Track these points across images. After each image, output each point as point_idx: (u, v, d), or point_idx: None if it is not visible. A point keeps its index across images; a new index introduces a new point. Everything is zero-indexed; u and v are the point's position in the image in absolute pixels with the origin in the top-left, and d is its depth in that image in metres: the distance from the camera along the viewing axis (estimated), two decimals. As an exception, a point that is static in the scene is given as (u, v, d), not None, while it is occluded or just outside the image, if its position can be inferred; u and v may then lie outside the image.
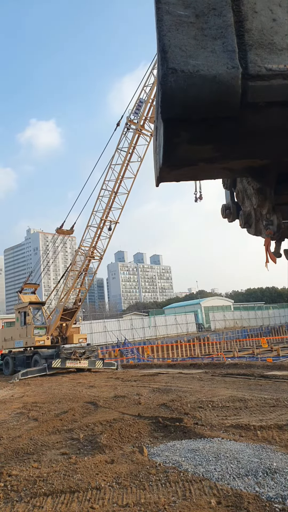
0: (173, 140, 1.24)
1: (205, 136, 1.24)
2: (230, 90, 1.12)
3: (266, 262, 1.93)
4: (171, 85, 1.11)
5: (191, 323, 56.93)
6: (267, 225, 1.86)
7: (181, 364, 20.34)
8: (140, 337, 48.54)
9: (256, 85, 1.13)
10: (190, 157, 1.35)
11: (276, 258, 1.98)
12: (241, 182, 2.08)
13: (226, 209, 2.30)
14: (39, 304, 23.07)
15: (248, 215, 2.07)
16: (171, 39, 1.15)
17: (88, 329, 40.80)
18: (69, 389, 13.84)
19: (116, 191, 20.78)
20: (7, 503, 4.36)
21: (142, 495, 4.30)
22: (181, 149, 1.28)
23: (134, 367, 21.98)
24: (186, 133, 1.22)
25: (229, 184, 2.25)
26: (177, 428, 6.97)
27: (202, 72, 1.11)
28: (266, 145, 1.34)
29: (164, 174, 1.47)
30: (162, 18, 1.18)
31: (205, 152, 1.32)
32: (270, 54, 1.16)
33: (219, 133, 1.24)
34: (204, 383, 12.66)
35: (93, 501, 4.22)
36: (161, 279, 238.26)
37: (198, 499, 4.10)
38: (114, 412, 8.87)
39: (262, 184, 1.78)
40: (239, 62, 1.13)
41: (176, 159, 1.35)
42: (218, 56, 1.13)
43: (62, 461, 5.69)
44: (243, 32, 1.18)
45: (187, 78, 1.11)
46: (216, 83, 1.11)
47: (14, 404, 11.29)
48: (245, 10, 1.20)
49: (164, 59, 1.13)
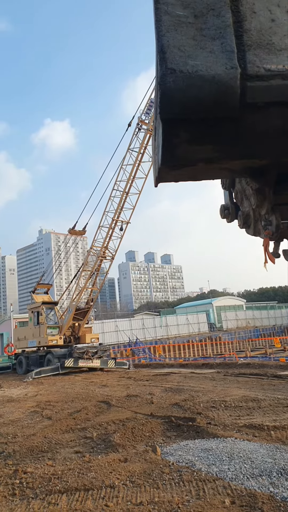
0: (172, 140, 1.24)
1: (204, 136, 1.24)
2: (229, 90, 1.12)
3: (265, 263, 1.93)
4: (170, 85, 1.11)
5: (202, 322, 56.73)
6: (266, 226, 1.85)
7: (193, 364, 20.30)
8: (152, 336, 48.57)
9: (255, 85, 1.13)
10: (189, 158, 1.35)
11: (275, 259, 1.98)
12: (240, 183, 2.08)
13: (225, 209, 2.29)
14: (52, 304, 23.27)
15: (246, 215, 2.06)
16: (169, 39, 1.15)
17: (99, 329, 40.99)
18: (82, 388, 13.93)
19: (127, 192, 20.84)
20: (23, 499, 4.43)
21: (156, 494, 4.32)
22: (180, 149, 1.28)
23: (146, 367, 22.01)
24: (185, 133, 1.22)
25: (228, 184, 2.25)
26: (190, 427, 6.98)
27: (201, 72, 1.11)
28: (265, 145, 1.34)
29: (163, 175, 1.47)
30: (160, 19, 1.18)
31: (204, 152, 1.32)
32: (269, 54, 1.16)
33: (218, 133, 1.23)
34: (216, 382, 12.63)
35: (107, 499, 4.26)
36: (172, 278, 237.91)
37: (212, 499, 4.11)
38: (127, 411, 8.91)
39: (261, 184, 1.78)
40: (238, 62, 1.13)
41: (175, 160, 1.35)
42: (217, 57, 1.14)
43: (76, 459, 5.75)
44: (241, 33, 1.18)
45: (186, 79, 1.11)
46: (215, 83, 1.11)
47: (28, 403, 11.42)
48: (244, 10, 1.20)
49: (163, 60, 1.13)
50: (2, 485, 4.90)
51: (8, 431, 7.92)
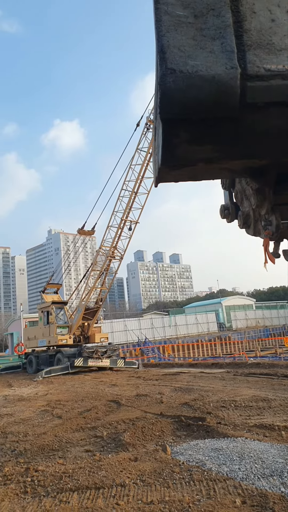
0: (172, 141, 1.24)
1: (204, 137, 1.24)
2: (229, 90, 1.12)
3: (265, 263, 1.93)
4: (170, 85, 1.11)
5: (212, 322, 56.57)
6: (266, 226, 1.85)
7: (202, 364, 20.25)
8: (161, 336, 48.56)
9: (255, 85, 1.13)
10: (189, 158, 1.35)
11: (275, 259, 1.97)
12: (240, 183, 2.07)
13: (225, 209, 2.29)
14: (62, 304, 23.41)
15: (246, 215, 2.06)
16: (169, 39, 1.15)
17: (109, 328, 41.12)
18: (92, 387, 13.99)
19: (136, 191, 20.87)
20: (35, 497, 4.47)
21: (166, 493, 4.33)
22: (180, 150, 1.28)
23: (155, 366, 22.03)
24: (185, 134, 1.22)
25: (228, 184, 2.25)
26: (200, 427, 6.97)
27: (201, 72, 1.11)
28: (265, 146, 1.34)
29: (163, 175, 1.48)
30: (160, 19, 1.18)
31: (204, 152, 1.31)
32: (269, 54, 1.16)
33: (218, 134, 1.23)
34: (226, 382, 12.59)
35: (118, 498, 4.28)
36: (181, 278, 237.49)
37: (223, 498, 4.10)
38: (137, 410, 8.93)
39: (261, 184, 1.77)
40: (238, 62, 1.13)
41: (175, 160, 1.35)
42: (217, 57, 1.14)
43: (86, 458, 5.78)
44: (241, 33, 1.18)
45: (186, 79, 1.11)
46: (215, 83, 1.11)
47: (38, 402, 11.51)
48: (244, 10, 1.20)
49: (163, 60, 1.13)
50: (14, 482, 4.95)
51: (19, 429, 7.99)
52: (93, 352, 19.36)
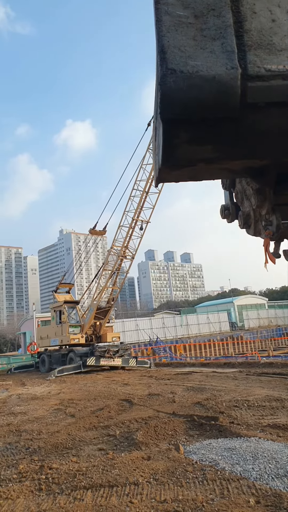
0: (173, 141, 1.24)
1: (205, 137, 1.24)
2: (229, 90, 1.12)
3: (265, 263, 1.93)
4: (170, 85, 1.11)
5: (224, 321, 56.29)
6: (266, 226, 1.85)
7: (214, 363, 20.18)
8: (172, 335, 48.51)
9: (256, 85, 1.13)
10: (190, 158, 1.35)
11: (276, 259, 1.97)
12: (240, 183, 2.07)
13: (225, 209, 2.29)
14: (74, 303, 23.57)
15: (247, 215, 2.05)
16: (170, 39, 1.15)
17: (120, 328, 41.22)
18: (104, 386, 14.06)
19: (147, 191, 20.89)
20: (49, 494, 4.52)
21: (179, 492, 4.34)
22: (181, 150, 1.28)
23: (167, 366, 22.02)
24: (185, 134, 1.22)
25: (228, 184, 2.24)
26: (212, 426, 6.96)
27: (201, 72, 1.11)
28: (266, 146, 1.33)
29: (164, 175, 1.48)
30: (161, 19, 1.18)
31: (204, 152, 1.31)
32: (269, 54, 1.16)
33: (218, 134, 1.23)
34: (239, 382, 12.52)
35: (131, 496, 4.31)
36: (192, 277, 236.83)
37: (237, 498, 4.09)
38: (149, 410, 8.95)
39: (262, 184, 1.77)
40: (238, 62, 1.13)
41: (175, 160, 1.35)
42: (217, 57, 1.14)
43: (99, 456, 5.82)
44: (242, 33, 1.18)
45: (187, 79, 1.11)
46: (215, 83, 1.11)
47: (51, 401, 11.62)
48: (244, 10, 1.20)
49: (163, 60, 1.13)
50: (29, 480, 5.02)
51: (33, 428, 8.08)
52: (105, 351, 19.45)
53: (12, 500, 4.42)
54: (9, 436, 7.58)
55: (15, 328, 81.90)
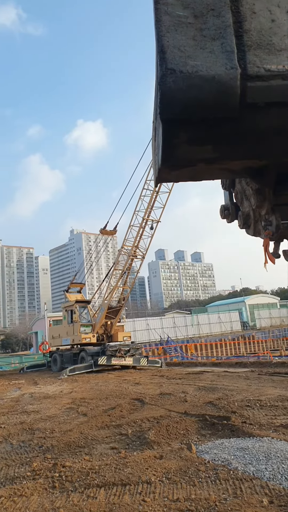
0: (172, 141, 1.24)
1: (204, 137, 1.24)
2: (229, 90, 1.11)
3: (265, 263, 1.93)
4: (170, 85, 1.11)
5: (235, 321, 55.98)
6: (266, 226, 1.84)
7: (226, 363, 20.10)
8: (183, 335, 48.42)
9: (255, 85, 1.13)
10: (189, 158, 1.35)
11: (275, 259, 1.96)
12: (240, 183, 2.07)
13: (225, 209, 2.28)
14: (85, 303, 23.70)
15: (247, 215, 2.05)
16: (170, 39, 1.15)
17: (131, 327, 41.29)
18: (115, 386, 14.11)
19: (157, 190, 20.87)
20: (63, 492, 4.57)
21: (192, 491, 4.34)
22: (180, 150, 1.28)
23: (178, 365, 22.00)
24: (185, 134, 1.22)
25: (228, 184, 2.24)
26: (224, 426, 6.94)
27: (201, 72, 1.11)
28: (266, 146, 1.33)
29: (163, 175, 1.48)
30: (160, 19, 1.18)
31: (204, 152, 1.31)
32: (269, 54, 1.16)
33: (218, 134, 1.23)
34: (250, 381, 12.45)
35: (144, 494, 4.32)
36: (203, 276, 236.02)
37: (250, 498, 4.08)
38: (161, 409, 8.96)
39: (261, 184, 1.76)
40: (238, 62, 1.13)
41: (175, 160, 1.35)
42: (217, 57, 1.14)
43: (112, 455, 5.85)
44: (242, 33, 1.18)
45: (186, 79, 1.11)
46: (215, 83, 1.11)
47: (63, 400, 11.71)
48: (244, 10, 1.20)
49: (163, 60, 1.13)
50: (43, 477, 5.07)
51: (45, 426, 8.15)
52: (116, 350, 19.52)
53: (26, 497, 4.48)
54: (23, 434, 7.66)
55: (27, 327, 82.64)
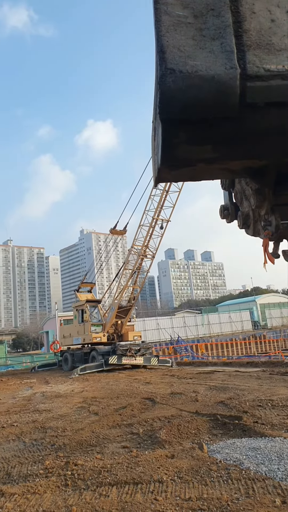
0: (172, 141, 1.24)
1: (204, 137, 1.24)
2: (228, 90, 1.11)
3: (264, 263, 1.94)
4: (169, 85, 1.11)
5: (246, 320, 55.66)
6: (266, 226, 1.85)
7: (237, 362, 20.00)
8: (194, 334, 48.31)
9: (255, 85, 1.13)
10: (189, 158, 1.35)
11: (274, 259, 1.97)
12: (239, 183, 2.06)
13: (224, 209, 2.29)
14: (96, 302, 23.81)
15: (246, 215, 2.05)
16: (169, 39, 1.16)
17: (141, 327, 41.34)
18: (126, 385, 14.15)
19: (167, 190, 20.86)
20: (75, 490, 4.61)
21: (204, 490, 4.34)
22: (180, 150, 1.28)
23: (188, 365, 21.96)
24: (184, 134, 1.22)
25: (228, 184, 2.24)
26: (236, 426, 6.91)
27: (200, 72, 1.11)
28: (265, 146, 1.33)
29: (163, 175, 1.48)
30: (160, 19, 1.18)
31: (204, 152, 1.31)
32: (269, 54, 1.16)
33: (218, 134, 1.23)
34: (262, 381, 12.37)
35: (156, 493, 4.34)
36: (213, 276, 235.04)
37: (262, 498, 4.06)
38: (172, 408, 8.96)
39: (261, 184, 1.76)
40: (238, 62, 1.13)
41: (174, 160, 1.35)
42: (216, 57, 1.14)
43: (123, 454, 5.87)
44: (241, 33, 1.18)
45: (186, 79, 1.11)
46: (214, 83, 1.11)
47: (75, 399, 11.77)
48: (244, 10, 1.20)
49: (162, 60, 1.14)
50: (55, 475, 5.12)
51: (57, 425, 8.22)
52: (127, 350, 19.55)
53: (39, 494, 4.52)
54: (35, 432, 7.74)
55: (38, 327, 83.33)
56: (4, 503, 4.33)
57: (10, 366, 31.98)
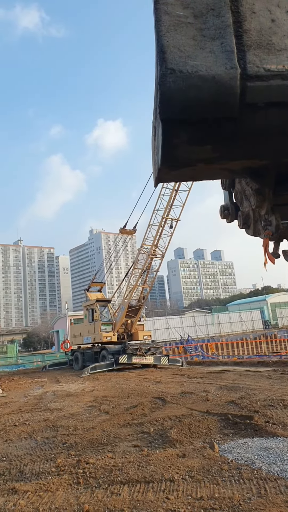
0: (172, 141, 1.24)
1: (204, 137, 1.24)
2: (228, 90, 1.11)
3: (265, 263, 1.93)
4: (169, 85, 1.11)
5: (256, 320, 55.32)
6: (266, 226, 1.84)
7: (247, 362, 19.89)
8: (204, 334, 48.17)
9: (255, 85, 1.13)
10: (189, 158, 1.35)
11: (275, 259, 1.96)
12: (239, 183, 2.06)
13: (224, 209, 2.28)
14: (105, 302, 23.88)
15: (246, 215, 2.05)
16: (169, 39, 1.16)
17: (151, 326, 41.37)
18: (137, 384, 14.17)
19: (177, 189, 20.83)
20: (87, 488, 4.64)
21: (215, 490, 4.33)
22: (180, 150, 1.28)
23: (199, 364, 21.91)
24: (184, 134, 1.22)
25: (228, 184, 2.24)
26: (247, 425, 6.88)
27: (200, 72, 1.11)
28: (265, 146, 1.33)
29: (163, 175, 1.48)
30: (160, 19, 1.18)
31: (204, 152, 1.31)
32: (269, 54, 1.16)
33: (218, 134, 1.23)
34: (273, 381, 12.29)
35: (167, 492, 4.34)
36: (223, 275, 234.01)
37: (274, 498, 4.05)
38: (182, 408, 8.95)
39: (261, 184, 1.75)
40: (238, 62, 1.13)
41: (175, 160, 1.35)
42: (216, 57, 1.14)
43: (135, 452, 5.89)
44: (241, 33, 1.18)
45: (186, 79, 1.11)
46: (214, 83, 1.11)
47: (85, 398, 11.84)
48: (244, 10, 1.20)
49: (162, 60, 1.14)
50: (67, 473, 5.16)
51: (69, 423, 8.27)
52: (137, 349, 19.58)
53: (52, 492, 4.57)
54: (46, 431, 7.80)
55: (48, 326, 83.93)
56: (17, 500, 4.38)
57: (21, 365, 32.27)
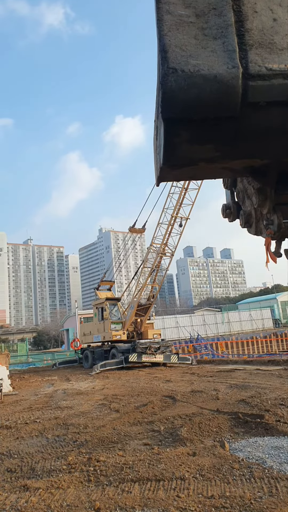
0: (174, 140, 1.24)
1: (206, 136, 1.24)
2: (230, 89, 1.11)
3: (267, 262, 1.93)
4: (171, 84, 1.11)
5: (267, 318, 54.90)
6: (268, 225, 1.84)
7: (258, 361, 19.78)
8: (213, 333, 47.98)
9: (257, 84, 1.12)
10: (191, 157, 1.35)
11: (277, 258, 1.96)
12: (241, 182, 2.05)
13: (226, 208, 2.28)
14: (115, 300, 23.94)
15: (248, 214, 2.04)
16: (171, 38, 1.16)
17: (160, 325, 41.35)
18: (147, 382, 14.19)
19: (186, 187, 20.77)
20: (98, 486, 4.66)
21: (226, 488, 4.33)
22: (182, 149, 1.28)
23: (209, 363, 21.84)
24: (186, 133, 1.22)
25: (230, 183, 2.23)
26: (258, 424, 6.85)
27: (202, 71, 1.11)
28: (267, 145, 1.33)
29: (165, 174, 1.48)
30: (162, 18, 1.18)
31: (205, 152, 1.31)
32: (271, 54, 1.15)
33: (219, 133, 1.23)
34: (284, 380, 12.21)
35: (178, 490, 4.35)
36: (233, 273, 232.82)
37: (286, 497, 4.02)
38: (193, 406, 8.94)
39: (263, 183, 1.75)
40: (240, 62, 1.13)
41: (176, 159, 1.36)
42: (218, 56, 1.14)
43: (145, 451, 5.91)
44: (243, 32, 1.17)
45: (188, 78, 1.11)
46: (216, 82, 1.11)
47: (95, 396, 11.89)
48: (246, 9, 1.20)
49: (164, 59, 1.14)
50: (78, 471, 5.19)
51: (79, 422, 8.32)
52: (147, 347, 19.59)
53: (63, 489, 4.60)
54: (57, 429, 7.86)
55: (58, 325, 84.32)
56: (29, 497, 4.43)
57: (31, 363, 32.54)
